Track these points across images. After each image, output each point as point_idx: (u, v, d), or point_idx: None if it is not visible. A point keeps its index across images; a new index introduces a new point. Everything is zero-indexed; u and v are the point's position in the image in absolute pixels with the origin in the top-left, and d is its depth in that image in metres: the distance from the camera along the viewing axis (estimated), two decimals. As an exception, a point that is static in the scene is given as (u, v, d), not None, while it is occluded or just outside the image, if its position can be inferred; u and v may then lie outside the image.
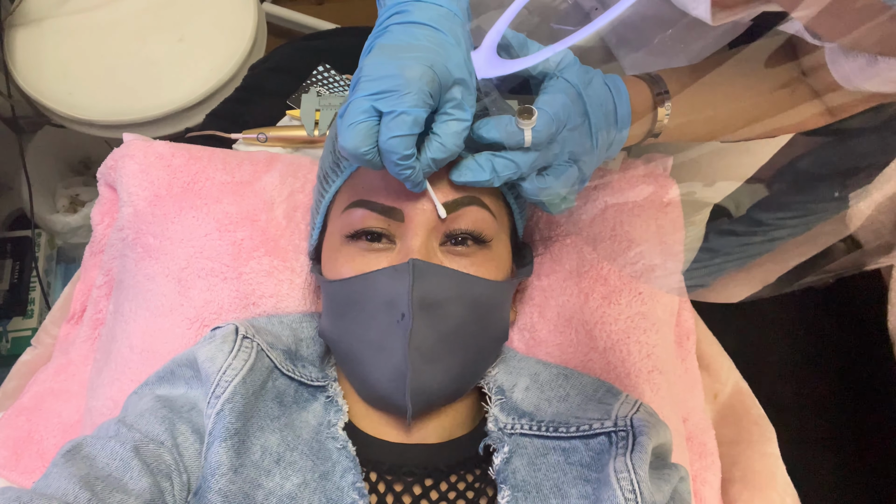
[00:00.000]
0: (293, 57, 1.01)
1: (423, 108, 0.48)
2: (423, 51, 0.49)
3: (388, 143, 0.48)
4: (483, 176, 0.54)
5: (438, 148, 0.51)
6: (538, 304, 0.72)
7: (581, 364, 0.70)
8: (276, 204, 0.76)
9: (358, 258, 0.58)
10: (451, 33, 0.51)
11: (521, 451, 0.59)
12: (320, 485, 0.55)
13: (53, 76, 1.14)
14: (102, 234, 0.82)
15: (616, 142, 0.60)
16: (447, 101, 0.50)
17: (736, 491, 0.77)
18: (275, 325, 0.66)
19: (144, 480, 0.49)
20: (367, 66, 0.49)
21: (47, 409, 0.75)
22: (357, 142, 0.48)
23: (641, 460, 0.54)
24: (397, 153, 0.48)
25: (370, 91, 0.48)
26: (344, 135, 0.49)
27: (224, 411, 0.53)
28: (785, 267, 0.58)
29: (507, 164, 0.54)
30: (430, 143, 0.51)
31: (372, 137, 0.49)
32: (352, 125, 0.48)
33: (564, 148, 0.56)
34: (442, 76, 0.49)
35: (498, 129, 0.53)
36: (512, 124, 0.53)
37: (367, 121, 0.48)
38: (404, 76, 0.47)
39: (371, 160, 0.50)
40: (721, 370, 0.86)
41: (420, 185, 0.53)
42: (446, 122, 0.51)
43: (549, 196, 0.58)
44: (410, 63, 0.48)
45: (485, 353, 0.63)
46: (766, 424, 0.82)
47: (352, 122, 0.48)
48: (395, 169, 0.50)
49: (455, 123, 0.51)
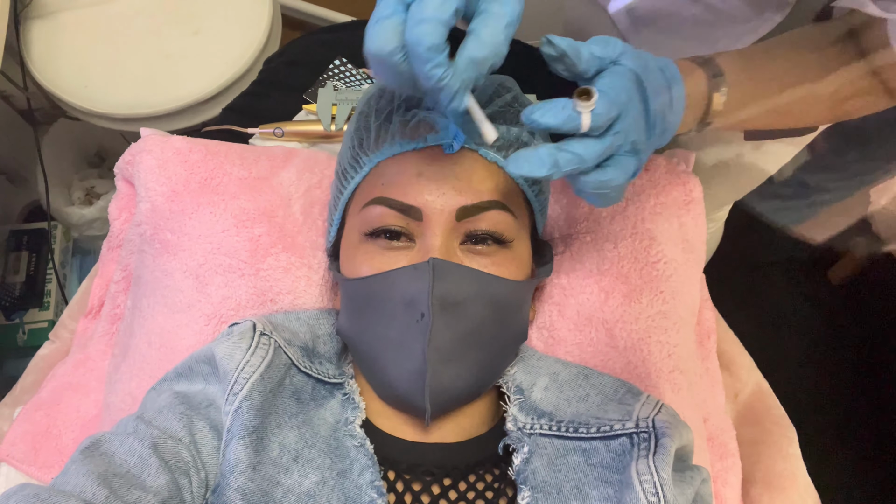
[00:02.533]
0: (309, 50, 1.00)
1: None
2: None
3: (415, 30, 0.41)
4: (542, 171, 0.47)
5: (476, 45, 0.43)
6: (558, 302, 0.72)
7: (601, 363, 0.69)
8: (293, 200, 0.76)
9: (377, 256, 0.58)
10: None
11: (541, 452, 0.58)
12: (338, 482, 0.54)
13: (69, 69, 1.14)
14: (120, 229, 0.82)
15: (669, 129, 0.55)
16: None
17: (757, 492, 0.76)
18: (292, 322, 0.65)
19: (162, 477, 0.49)
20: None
21: (65, 403, 0.75)
22: (382, 40, 0.42)
23: (664, 462, 0.53)
24: (424, 43, 0.41)
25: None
26: (369, 34, 0.43)
27: (242, 408, 0.53)
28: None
29: (571, 159, 0.48)
30: (466, 42, 0.43)
31: (399, 35, 0.42)
32: (377, 22, 0.43)
33: (627, 138, 0.50)
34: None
35: (553, 113, 0.47)
36: (569, 107, 0.47)
37: (394, 15, 0.42)
38: None
39: (397, 64, 0.43)
40: (742, 370, 0.85)
41: (458, 96, 0.44)
42: (486, 16, 0.43)
43: (608, 189, 0.52)
44: None
45: (504, 353, 0.62)
46: (787, 424, 0.81)
47: (377, 18, 0.43)
48: (425, 67, 0.42)
49: (496, 17, 0.43)
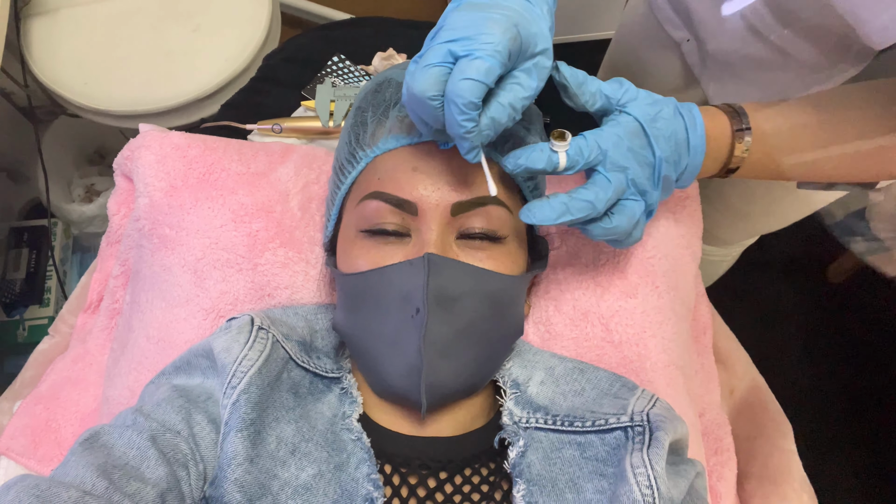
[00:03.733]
0: (308, 47, 1.00)
1: (499, 61, 0.46)
2: (512, 11, 0.48)
3: (458, 85, 0.45)
4: (552, 218, 0.54)
5: (499, 108, 0.48)
6: (554, 297, 0.72)
7: (597, 358, 0.70)
8: (291, 195, 0.76)
9: (373, 251, 0.58)
10: (539, 5, 0.50)
11: (536, 445, 0.59)
12: (335, 476, 0.55)
13: (69, 66, 1.14)
14: (119, 225, 0.82)
15: (688, 173, 0.59)
16: (520, 67, 0.49)
17: (752, 486, 0.77)
18: (290, 317, 0.66)
19: (161, 469, 0.49)
20: (452, 18, 0.48)
21: (65, 397, 0.76)
22: (427, 84, 0.47)
23: (658, 456, 0.53)
24: (464, 98, 0.45)
25: (450, 38, 0.47)
26: (416, 76, 0.47)
27: (240, 402, 0.53)
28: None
29: (583, 206, 0.54)
30: (491, 103, 0.48)
31: (442, 84, 0.47)
32: (426, 67, 0.47)
33: (633, 183, 0.56)
34: (525, 40, 0.47)
35: (535, 157, 0.53)
36: (546, 149, 0.53)
37: (442, 65, 0.46)
38: (489, 27, 0.46)
39: (435, 109, 0.48)
40: (738, 365, 0.85)
41: (475, 151, 0.50)
42: (513, 86, 0.48)
43: (615, 235, 0.58)
44: (498, 17, 0.47)
45: (500, 348, 0.62)
46: (783, 420, 0.81)
47: (427, 63, 0.47)
48: (458, 118, 0.46)
49: (520, 89, 0.48)
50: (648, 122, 0.56)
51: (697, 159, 0.58)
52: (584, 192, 0.54)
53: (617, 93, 0.57)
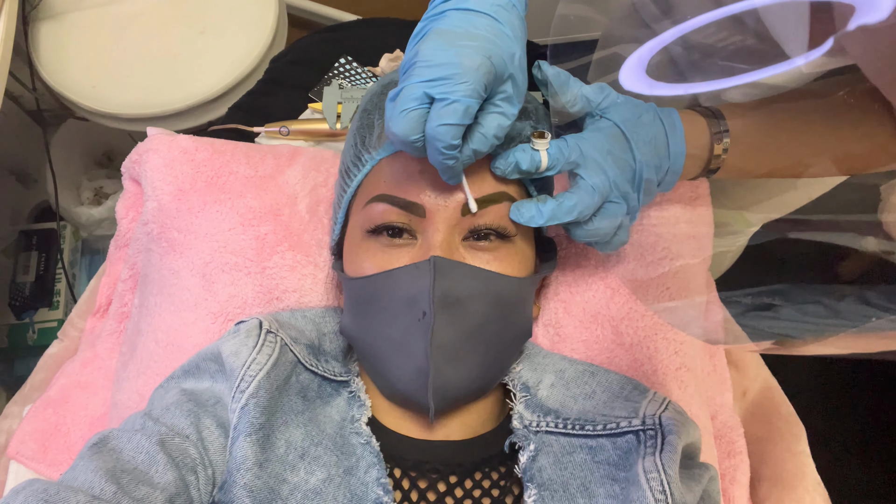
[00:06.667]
0: (314, 49, 1.00)
1: (476, 99, 0.47)
2: (482, 40, 0.48)
3: (437, 130, 0.47)
4: (541, 220, 0.56)
5: (481, 139, 0.50)
6: (563, 299, 0.71)
7: (607, 360, 0.69)
8: (298, 198, 0.76)
9: (379, 254, 0.58)
10: (509, 25, 0.50)
11: (547, 449, 0.58)
12: (345, 480, 0.55)
13: (77, 70, 1.15)
14: (127, 228, 0.82)
15: (670, 176, 0.60)
16: (497, 93, 0.50)
17: (765, 490, 0.76)
18: (298, 320, 0.65)
19: (170, 474, 0.49)
20: (424, 51, 0.48)
21: (74, 401, 0.76)
22: (408, 129, 0.48)
23: (671, 460, 0.53)
24: (444, 142, 0.47)
25: (425, 77, 0.47)
26: (395, 121, 0.48)
27: (249, 406, 0.53)
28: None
29: (571, 209, 0.55)
30: (474, 135, 0.50)
31: (423, 125, 0.48)
32: (403, 112, 0.48)
33: (617, 188, 0.56)
34: (498, 68, 0.48)
35: (521, 157, 0.54)
36: (528, 149, 0.55)
37: (419, 108, 0.47)
38: (462, 65, 0.46)
39: (419, 148, 0.50)
40: (750, 367, 0.84)
41: (457, 177, 0.53)
42: (493, 115, 0.50)
43: (597, 237, 0.59)
44: (469, 52, 0.47)
45: (508, 351, 0.62)
46: (796, 422, 0.80)
47: (403, 108, 0.48)
48: (439, 157, 0.49)
49: (501, 117, 0.50)
50: (629, 128, 0.57)
51: (678, 163, 0.59)
52: (569, 195, 0.56)
53: (598, 97, 0.58)
